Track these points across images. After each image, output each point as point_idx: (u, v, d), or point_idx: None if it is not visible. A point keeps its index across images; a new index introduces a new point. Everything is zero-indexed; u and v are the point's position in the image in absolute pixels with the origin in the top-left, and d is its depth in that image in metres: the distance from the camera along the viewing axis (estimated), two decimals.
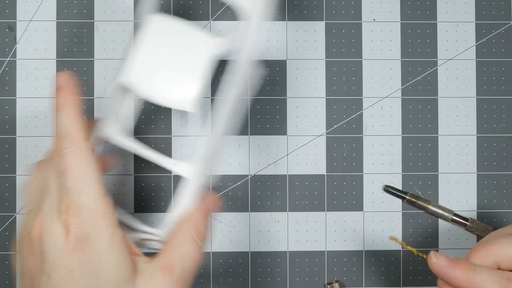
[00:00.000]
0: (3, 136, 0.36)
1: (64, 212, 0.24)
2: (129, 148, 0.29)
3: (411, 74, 0.37)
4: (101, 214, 0.24)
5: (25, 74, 0.36)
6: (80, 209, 0.24)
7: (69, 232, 0.23)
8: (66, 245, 0.23)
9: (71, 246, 0.23)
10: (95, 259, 0.24)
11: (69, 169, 0.24)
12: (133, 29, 0.37)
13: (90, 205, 0.24)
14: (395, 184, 0.37)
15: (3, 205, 0.36)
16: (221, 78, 0.27)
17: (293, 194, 0.37)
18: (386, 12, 0.37)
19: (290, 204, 0.37)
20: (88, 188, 0.24)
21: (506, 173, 0.37)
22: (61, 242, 0.23)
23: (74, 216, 0.24)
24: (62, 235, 0.23)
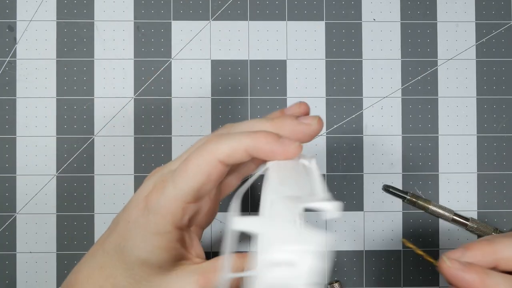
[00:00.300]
0: (3, 136, 0.36)
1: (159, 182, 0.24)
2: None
3: (411, 74, 0.37)
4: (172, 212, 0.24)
5: (25, 74, 0.36)
6: (164, 194, 0.24)
7: (148, 196, 0.24)
8: (141, 201, 0.24)
9: (142, 205, 0.24)
10: (144, 229, 0.24)
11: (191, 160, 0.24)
12: (133, 28, 0.37)
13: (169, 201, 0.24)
14: (395, 184, 0.37)
15: (3, 205, 0.36)
16: None
17: None
18: (386, 12, 0.37)
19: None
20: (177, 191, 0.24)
21: (506, 173, 0.37)
22: (141, 196, 0.25)
23: (158, 191, 0.24)
24: (146, 193, 0.24)
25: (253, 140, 0.23)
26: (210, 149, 0.23)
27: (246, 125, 0.25)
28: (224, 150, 0.23)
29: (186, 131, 0.37)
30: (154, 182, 0.25)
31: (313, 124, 0.25)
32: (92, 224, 0.36)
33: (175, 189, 0.23)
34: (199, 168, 0.23)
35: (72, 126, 0.36)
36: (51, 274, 0.36)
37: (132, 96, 0.37)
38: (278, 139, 0.23)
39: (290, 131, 0.24)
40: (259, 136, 0.23)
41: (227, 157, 0.23)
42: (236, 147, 0.23)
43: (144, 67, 0.37)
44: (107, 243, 0.25)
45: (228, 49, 0.37)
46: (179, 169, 0.24)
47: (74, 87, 0.36)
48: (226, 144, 0.23)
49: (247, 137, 0.23)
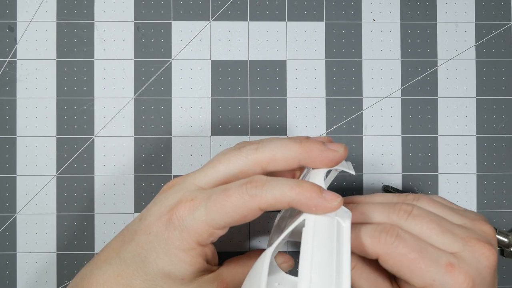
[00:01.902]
0: (3, 136, 0.36)
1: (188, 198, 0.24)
2: None
3: (411, 74, 0.37)
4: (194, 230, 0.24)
5: (25, 74, 0.36)
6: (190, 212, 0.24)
7: (174, 211, 0.24)
8: (165, 213, 0.24)
9: (165, 218, 0.24)
10: (167, 242, 0.24)
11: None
12: (133, 29, 0.37)
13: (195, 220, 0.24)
14: (395, 184, 0.37)
15: (3, 205, 0.36)
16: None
17: None
18: (386, 12, 0.37)
19: None
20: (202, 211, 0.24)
21: (506, 173, 0.37)
22: (165, 209, 0.25)
23: (183, 208, 0.24)
24: (171, 205, 0.24)
25: (298, 195, 0.23)
26: (254, 195, 0.23)
27: (272, 144, 0.25)
28: (268, 200, 0.23)
29: (186, 132, 0.37)
30: (180, 197, 0.25)
31: (340, 151, 0.25)
32: (92, 224, 0.36)
33: (207, 216, 0.23)
34: (238, 210, 0.23)
35: (72, 126, 0.36)
36: (51, 274, 0.36)
37: (132, 96, 0.37)
38: (321, 194, 0.23)
39: (318, 156, 0.25)
40: (304, 192, 0.23)
41: (269, 207, 0.23)
42: (280, 199, 0.23)
43: (144, 68, 0.37)
44: (125, 252, 0.25)
45: (228, 50, 0.37)
46: (216, 200, 0.23)
47: (74, 87, 0.36)
48: (271, 194, 0.23)
49: (291, 190, 0.23)
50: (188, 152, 0.37)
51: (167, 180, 0.36)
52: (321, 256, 0.22)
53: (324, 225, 0.23)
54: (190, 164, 0.36)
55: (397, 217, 0.25)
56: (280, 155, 0.24)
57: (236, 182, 0.24)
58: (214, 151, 0.37)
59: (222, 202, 0.23)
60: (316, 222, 0.23)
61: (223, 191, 0.24)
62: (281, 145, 0.25)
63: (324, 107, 0.37)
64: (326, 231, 0.23)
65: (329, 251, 0.22)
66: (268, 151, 0.25)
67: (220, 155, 0.26)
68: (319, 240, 0.22)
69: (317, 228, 0.23)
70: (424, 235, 0.25)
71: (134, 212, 0.36)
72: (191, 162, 0.37)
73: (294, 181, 0.23)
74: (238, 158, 0.25)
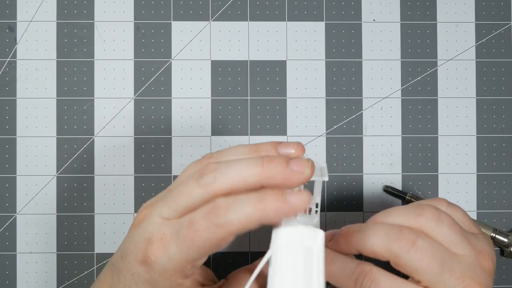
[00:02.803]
0: (3, 136, 0.36)
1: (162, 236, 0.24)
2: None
3: (411, 75, 0.37)
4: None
5: (25, 74, 0.36)
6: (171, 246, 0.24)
7: (147, 250, 0.24)
8: (141, 254, 0.24)
9: (141, 258, 0.24)
10: (151, 283, 0.24)
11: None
12: (133, 29, 0.37)
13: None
14: (395, 185, 0.37)
15: (3, 205, 0.36)
16: None
17: None
18: (386, 12, 0.37)
19: None
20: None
21: (506, 173, 0.37)
22: (139, 250, 0.24)
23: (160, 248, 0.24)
24: (143, 246, 0.24)
25: (264, 213, 0.22)
26: (220, 225, 0.22)
27: (231, 171, 0.23)
28: (236, 226, 0.22)
29: (186, 132, 0.37)
30: (149, 235, 0.24)
31: (305, 173, 0.23)
32: (92, 225, 0.36)
33: (181, 253, 0.23)
34: (209, 242, 0.23)
35: (72, 126, 0.36)
36: (51, 274, 0.36)
37: (132, 96, 0.37)
38: (286, 203, 0.22)
39: (281, 181, 0.23)
40: (269, 207, 0.22)
41: (240, 231, 0.22)
42: (248, 222, 0.22)
43: (144, 68, 0.37)
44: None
45: (228, 50, 0.37)
46: (185, 237, 0.23)
47: (74, 87, 0.36)
48: (236, 220, 0.22)
49: (256, 210, 0.22)
50: (188, 152, 0.37)
51: (167, 180, 0.36)
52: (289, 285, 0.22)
53: (290, 256, 0.23)
54: None
55: (399, 247, 0.25)
56: (240, 183, 0.23)
57: (199, 213, 0.23)
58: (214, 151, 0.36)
59: (191, 238, 0.23)
60: (282, 255, 0.23)
61: (189, 225, 0.23)
62: (240, 171, 0.23)
63: (324, 107, 0.37)
64: (294, 262, 0.22)
65: (297, 278, 0.22)
66: (227, 181, 0.23)
67: (181, 186, 0.24)
68: (285, 271, 0.22)
69: (283, 261, 0.22)
70: (421, 271, 0.25)
71: (134, 212, 0.36)
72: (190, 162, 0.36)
73: (255, 196, 0.22)
74: (197, 191, 0.23)
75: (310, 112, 0.37)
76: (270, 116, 0.37)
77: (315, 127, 0.37)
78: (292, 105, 0.37)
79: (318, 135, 0.37)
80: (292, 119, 0.37)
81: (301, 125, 0.37)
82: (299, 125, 0.37)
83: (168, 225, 0.24)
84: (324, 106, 0.37)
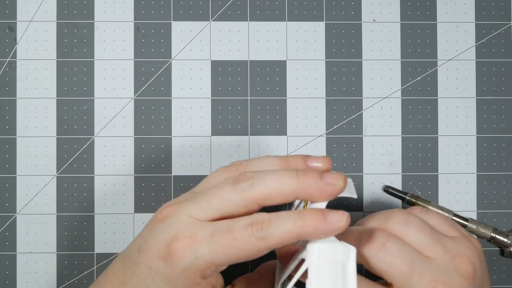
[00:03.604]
0: (3, 136, 0.36)
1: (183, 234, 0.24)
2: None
3: (411, 75, 0.37)
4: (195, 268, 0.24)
5: (25, 74, 0.36)
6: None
7: (173, 246, 0.24)
8: (163, 249, 0.24)
9: (163, 254, 0.24)
10: (169, 279, 0.24)
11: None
12: (133, 29, 0.37)
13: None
14: (395, 185, 0.37)
15: (3, 205, 0.36)
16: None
17: None
18: (386, 12, 0.37)
19: (291, 204, 0.37)
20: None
21: (506, 173, 0.37)
22: (162, 244, 0.24)
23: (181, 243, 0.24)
24: (167, 240, 0.24)
25: (303, 229, 0.23)
26: (261, 238, 0.23)
27: (267, 180, 0.24)
28: (275, 241, 0.23)
29: (186, 132, 0.37)
30: (176, 232, 0.24)
31: (338, 185, 0.24)
32: (92, 224, 0.36)
33: (211, 255, 0.23)
34: (246, 252, 0.23)
35: (72, 126, 0.36)
36: (51, 274, 0.36)
37: (132, 96, 0.37)
38: (325, 219, 0.23)
39: (315, 192, 0.24)
40: (308, 223, 0.23)
41: (277, 246, 0.23)
42: (287, 237, 0.23)
43: (144, 68, 0.37)
44: (130, 286, 0.25)
45: (228, 50, 0.37)
46: (221, 241, 0.23)
47: (74, 87, 0.36)
48: (277, 234, 0.23)
49: (295, 225, 0.23)
50: (188, 152, 0.37)
51: (167, 180, 0.36)
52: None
53: (326, 270, 0.23)
54: (190, 164, 0.37)
55: (368, 250, 0.25)
56: (276, 192, 0.24)
57: (240, 222, 0.23)
58: (214, 151, 0.37)
59: (228, 244, 0.23)
60: (319, 268, 0.23)
61: (228, 232, 0.23)
62: (276, 181, 0.24)
63: (324, 107, 0.37)
64: (330, 276, 0.23)
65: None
66: (264, 189, 0.24)
67: (214, 188, 0.24)
68: (322, 285, 0.22)
69: (320, 274, 0.23)
70: None
71: (134, 212, 0.36)
72: (191, 162, 0.37)
73: (297, 214, 0.23)
74: (232, 196, 0.24)
75: (310, 112, 0.37)
76: (270, 116, 0.37)
77: (315, 127, 0.37)
78: (292, 105, 0.37)
79: (318, 135, 0.37)
80: (292, 119, 0.37)
81: (301, 125, 0.37)
82: (299, 125, 0.37)
83: (199, 225, 0.24)
84: (324, 106, 0.37)
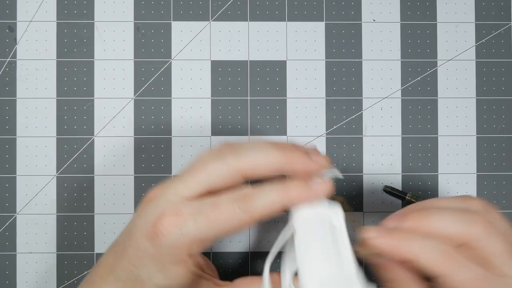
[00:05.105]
0: (3, 136, 0.36)
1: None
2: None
3: (411, 75, 0.37)
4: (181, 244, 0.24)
5: (25, 74, 0.36)
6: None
7: (159, 224, 0.24)
8: (149, 229, 0.24)
9: (151, 234, 0.24)
10: (157, 259, 0.24)
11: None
12: (133, 29, 0.37)
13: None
14: (395, 185, 0.37)
15: (3, 205, 0.36)
16: None
17: None
18: (386, 12, 0.37)
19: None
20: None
21: (506, 173, 0.37)
22: (148, 225, 0.24)
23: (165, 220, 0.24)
24: (153, 220, 0.24)
25: (287, 198, 0.23)
26: (247, 210, 0.23)
27: (253, 152, 0.24)
28: (261, 212, 0.23)
29: (186, 132, 0.37)
30: (162, 210, 0.24)
31: (322, 161, 0.24)
32: (92, 224, 0.36)
33: (197, 231, 0.23)
34: (232, 225, 0.23)
35: (72, 126, 0.36)
36: (51, 274, 0.36)
37: (132, 96, 0.37)
38: (309, 189, 0.24)
39: (301, 165, 0.24)
40: (292, 193, 0.23)
41: (263, 217, 0.23)
42: (272, 208, 0.23)
43: (144, 68, 0.37)
44: (119, 270, 0.25)
45: (228, 50, 0.37)
46: (208, 216, 0.23)
47: (74, 87, 0.36)
48: (262, 205, 0.23)
49: (279, 196, 0.23)
50: (188, 152, 0.37)
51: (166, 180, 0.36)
52: (319, 257, 0.23)
53: (313, 231, 0.24)
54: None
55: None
56: (261, 164, 0.24)
57: (225, 197, 0.24)
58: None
59: (214, 218, 0.23)
60: (305, 229, 0.24)
61: (213, 206, 0.23)
62: (262, 153, 0.24)
63: (324, 107, 0.37)
64: (317, 236, 0.23)
65: (326, 248, 0.23)
66: (250, 160, 0.24)
67: (199, 162, 0.25)
68: (312, 243, 0.23)
69: (306, 235, 0.23)
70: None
71: (134, 212, 0.36)
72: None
73: (280, 184, 0.24)
74: (218, 168, 0.24)
75: (310, 112, 0.37)
76: (270, 116, 0.37)
77: (315, 127, 0.37)
78: (292, 105, 0.37)
79: (318, 135, 0.37)
80: (292, 119, 0.37)
81: (301, 125, 0.37)
82: (299, 125, 0.37)
83: (185, 203, 0.24)
84: (324, 106, 0.37)
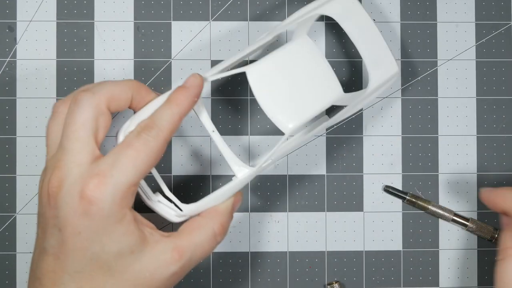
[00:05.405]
0: (3, 136, 0.36)
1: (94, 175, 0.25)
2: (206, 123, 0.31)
3: (411, 75, 0.37)
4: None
5: (25, 74, 0.36)
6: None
7: (85, 193, 0.24)
8: (78, 207, 0.24)
9: (82, 209, 0.24)
10: (100, 226, 0.24)
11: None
12: (133, 29, 0.37)
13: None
14: (395, 185, 0.37)
15: (3, 205, 0.36)
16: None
17: (293, 195, 0.37)
18: (386, 12, 0.37)
19: (290, 204, 0.37)
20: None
21: (506, 173, 0.37)
22: (74, 204, 0.24)
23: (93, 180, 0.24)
24: (77, 197, 0.24)
25: (180, 106, 0.27)
26: (156, 135, 0.26)
27: (106, 85, 0.28)
28: (169, 130, 0.26)
29: (186, 132, 0.37)
30: (81, 184, 0.24)
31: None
32: None
33: (125, 176, 0.25)
34: (151, 156, 0.25)
35: None
36: None
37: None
38: (186, 88, 0.28)
39: (145, 92, 0.29)
40: (179, 100, 0.27)
41: (170, 135, 0.26)
42: (176, 122, 0.27)
43: (144, 68, 0.37)
44: (71, 265, 0.24)
45: (228, 50, 0.37)
46: (128, 157, 0.25)
47: (74, 87, 0.36)
48: (167, 125, 0.26)
49: (172, 108, 0.27)
50: (188, 152, 0.37)
51: (167, 180, 0.36)
52: None
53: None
54: (190, 164, 0.36)
55: None
56: (117, 93, 0.27)
57: (130, 135, 0.26)
58: (214, 152, 0.36)
59: (133, 157, 0.25)
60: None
61: (126, 147, 0.25)
62: (118, 82, 0.28)
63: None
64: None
65: None
66: (108, 86, 0.27)
67: (68, 119, 0.26)
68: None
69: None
70: None
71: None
72: (190, 162, 0.37)
73: (167, 101, 0.27)
74: (84, 101, 0.26)
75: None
76: None
77: None
78: None
79: (318, 135, 0.37)
80: None
81: None
82: None
83: (96, 163, 0.25)
84: None
